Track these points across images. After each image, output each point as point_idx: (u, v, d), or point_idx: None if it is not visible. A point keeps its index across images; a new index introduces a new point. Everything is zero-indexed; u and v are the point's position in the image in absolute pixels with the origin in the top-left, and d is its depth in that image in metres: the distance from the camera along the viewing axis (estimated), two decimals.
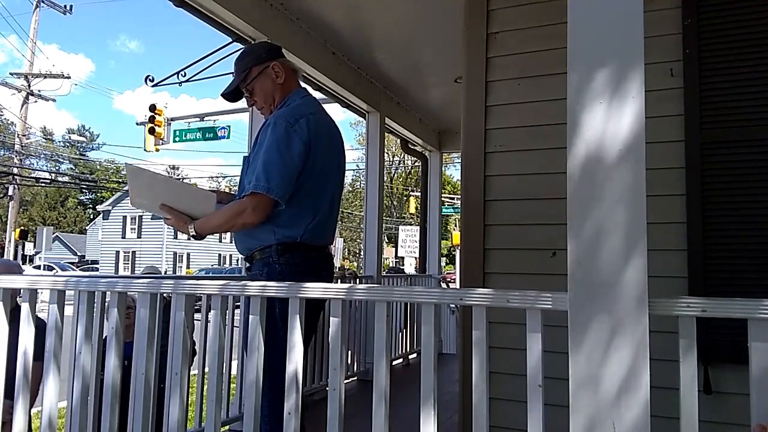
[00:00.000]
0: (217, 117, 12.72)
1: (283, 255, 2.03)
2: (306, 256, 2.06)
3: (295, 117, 2.04)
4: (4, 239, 21.74)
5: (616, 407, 1.12)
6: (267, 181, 1.94)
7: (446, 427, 3.39)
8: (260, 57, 2.20)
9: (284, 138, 1.99)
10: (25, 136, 22.29)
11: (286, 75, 2.19)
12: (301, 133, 2.00)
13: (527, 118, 2.69)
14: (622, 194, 1.15)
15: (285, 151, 1.98)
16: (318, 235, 2.10)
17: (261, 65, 2.18)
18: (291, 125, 2.01)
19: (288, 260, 2.02)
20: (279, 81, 2.18)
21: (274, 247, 2.03)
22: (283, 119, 2.02)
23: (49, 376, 1.80)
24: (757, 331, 1.13)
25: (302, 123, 2.02)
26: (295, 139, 1.99)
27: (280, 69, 2.18)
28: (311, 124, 2.05)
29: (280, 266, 2.01)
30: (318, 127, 2.08)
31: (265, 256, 2.05)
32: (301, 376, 1.52)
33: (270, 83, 2.17)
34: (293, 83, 2.22)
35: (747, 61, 2.31)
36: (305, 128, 2.02)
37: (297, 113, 2.06)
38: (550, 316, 1.27)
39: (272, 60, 2.19)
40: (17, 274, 2.72)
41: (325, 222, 2.13)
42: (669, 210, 2.37)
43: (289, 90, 2.19)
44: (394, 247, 27.71)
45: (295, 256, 2.04)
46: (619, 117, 1.16)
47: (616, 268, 1.14)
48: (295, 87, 2.23)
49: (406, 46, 4.64)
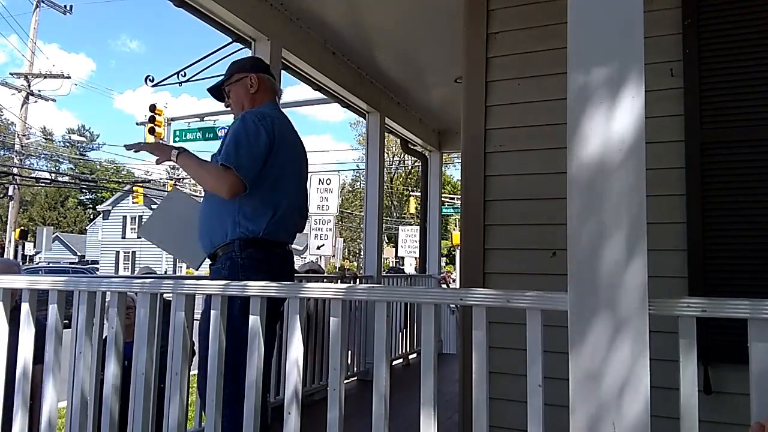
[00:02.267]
0: (217, 117, 12.71)
1: (245, 249, 2.12)
2: (267, 252, 2.17)
3: (262, 114, 2.22)
4: (4, 239, 21.74)
5: (616, 407, 1.12)
6: (237, 159, 2.08)
7: (446, 427, 3.38)
8: (244, 66, 2.44)
9: (252, 127, 2.16)
10: (25, 136, 22.29)
11: (260, 88, 2.37)
12: (267, 128, 2.17)
13: (527, 118, 2.69)
14: (622, 194, 1.15)
15: (252, 138, 2.14)
16: (279, 231, 2.20)
17: (242, 73, 2.39)
18: (259, 119, 2.18)
19: (250, 255, 2.12)
20: (251, 90, 2.36)
21: (237, 242, 2.12)
22: (252, 114, 2.22)
23: (49, 377, 1.80)
24: (757, 331, 1.13)
25: (268, 120, 2.20)
26: (261, 130, 2.16)
27: (255, 81, 2.37)
28: (276, 123, 2.22)
29: (242, 260, 2.11)
30: (282, 130, 2.25)
31: (228, 251, 2.14)
32: (301, 375, 1.52)
33: (243, 91, 2.37)
34: (266, 97, 2.39)
35: (747, 61, 2.31)
36: (270, 125, 2.19)
37: (264, 113, 2.24)
38: (550, 316, 1.27)
39: (253, 72, 2.39)
40: (17, 273, 2.72)
41: (286, 218, 2.24)
42: (669, 210, 2.37)
43: (261, 102, 2.36)
44: (394, 247, 27.69)
45: (257, 251, 2.14)
46: (619, 117, 1.16)
47: (616, 268, 1.14)
48: (268, 100, 2.39)
49: (406, 46, 4.64)
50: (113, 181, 44.00)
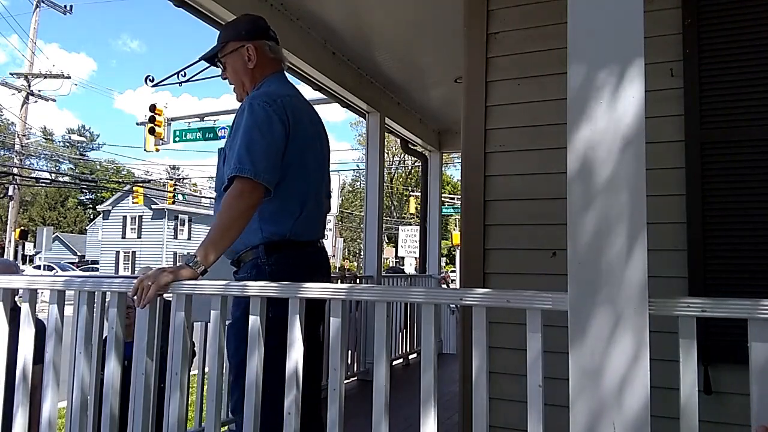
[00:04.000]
0: (217, 117, 12.72)
1: (272, 254, 1.87)
2: (296, 254, 1.91)
3: (272, 97, 1.89)
4: (4, 239, 21.74)
5: (616, 407, 1.12)
6: (253, 164, 1.75)
7: (446, 427, 3.39)
8: (239, 34, 2.06)
9: (264, 118, 1.83)
10: (25, 136, 22.29)
11: (259, 60, 2.03)
12: (279, 113, 1.85)
13: (527, 118, 2.69)
14: (623, 194, 1.15)
15: (266, 131, 1.81)
16: (307, 229, 1.95)
17: (237, 42, 2.04)
18: (268, 104, 1.85)
19: (278, 260, 1.87)
20: (249, 65, 2.03)
21: (261, 247, 1.87)
22: (260, 99, 1.88)
23: (49, 377, 1.80)
24: (757, 331, 1.13)
25: (279, 103, 1.87)
26: (274, 118, 1.84)
27: (253, 53, 2.02)
28: (288, 105, 1.90)
29: (269, 267, 1.86)
30: (295, 110, 1.93)
31: (253, 258, 1.89)
32: (301, 376, 1.52)
33: (240, 65, 2.04)
34: (267, 69, 2.05)
35: (747, 62, 2.31)
36: (282, 108, 1.87)
37: (273, 94, 1.93)
38: (550, 316, 1.27)
39: (249, 41, 2.03)
40: (15, 274, 2.72)
41: (313, 213, 1.97)
42: (669, 210, 2.37)
43: (262, 76, 2.05)
44: (394, 247, 27.70)
45: (284, 254, 1.88)
46: (619, 117, 1.16)
47: (616, 268, 1.14)
48: (272, 72, 2.06)
49: (406, 46, 4.64)
50: (113, 181, 44.00)
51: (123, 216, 36.27)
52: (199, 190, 40.71)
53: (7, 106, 34.78)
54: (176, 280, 1.67)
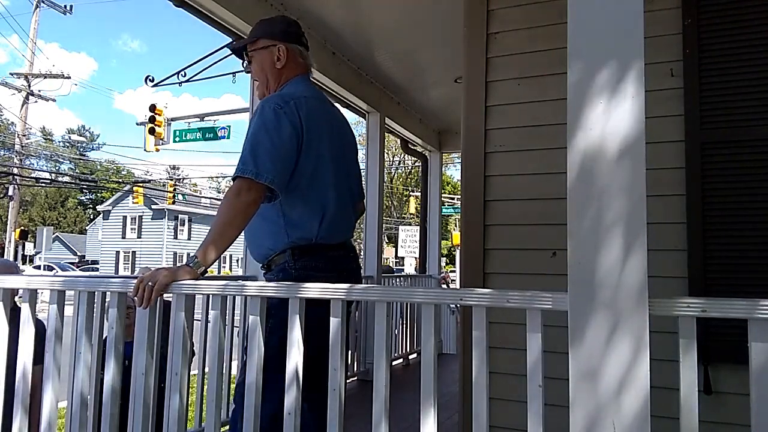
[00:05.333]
0: (217, 117, 12.75)
1: (300, 259, 1.87)
2: (325, 257, 1.91)
3: (284, 100, 1.89)
4: (4, 239, 21.74)
5: (616, 407, 1.12)
6: (255, 165, 1.76)
7: (446, 427, 3.39)
8: (273, 33, 2.08)
9: (272, 120, 1.83)
10: (25, 136, 22.29)
11: (288, 61, 2.06)
12: (290, 116, 1.84)
13: (527, 118, 2.69)
14: (622, 194, 1.15)
15: (273, 133, 1.81)
16: (335, 232, 1.94)
17: (270, 40, 2.06)
18: (280, 107, 1.85)
19: (305, 264, 1.87)
20: (278, 65, 2.05)
21: (289, 251, 1.88)
22: (271, 102, 1.89)
23: (49, 377, 1.80)
24: (757, 331, 1.13)
25: (292, 105, 1.87)
26: (284, 120, 1.83)
27: (284, 54, 2.05)
28: (302, 106, 1.89)
29: (296, 271, 1.86)
30: (311, 111, 1.91)
31: (281, 262, 1.90)
32: (302, 376, 1.52)
33: (269, 63, 2.06)
34: (294, 72, 2.08)
35: (747, 62, 2.31)
36: (295, 110, 1.86)
37: (288, 96, 1.93)
38: (550, 316, 1.27)
39: (282, 42, 2.06)
40: (15, 275, 2.72)
41: (339, 214, 1.96)
42: (669, 210, 2.37)
43: (288, 78, 2.07)
44: (394, 247, 27.70)
45: (313, 258, 1.89)
46: (619, 117, 1.16)
47: (616, 268, 1.14)
48: (296, 75, 2.08)
49: (406, 46, 4.64)
50: (113, 181, 44.00)
51: (123, 216, 36.28)
52: (199, 190, 40.73)
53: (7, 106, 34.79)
54: (175, 280, 1.67)
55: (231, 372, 3.37)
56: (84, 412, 1.77)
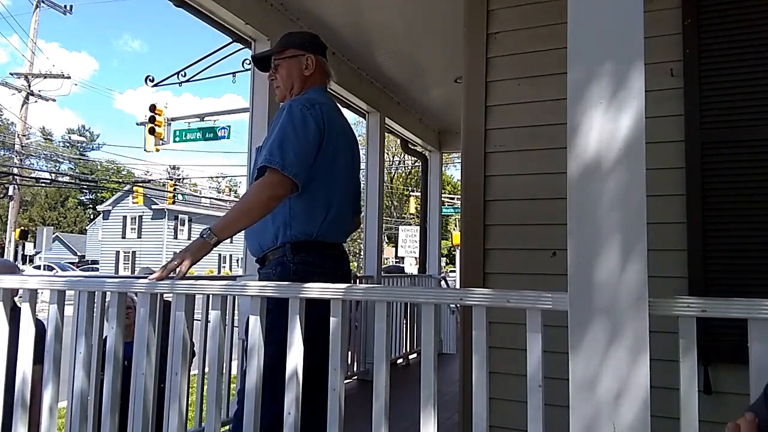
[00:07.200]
0: (217, 117, 12.74)
1: (298, 254, 1.94)
2: (322, 255, 1.99)
3: (310, 102, 2.02)
4: (4, 239, 21.74)
5: (616, 407, 1.12)
6: (282, 158, 1.86)
7: (446, 427, 3.39)
8: (303, 44, 2.22)
9: (300, 118, 1.95)
10: (25, 136, 22.29)
11: (316, 71, 2.20)
12: (315, 117, 1.97)
13: (527, 118, 2.69)
14: (623, 194, 1.15)
15: (300, 130, 1.93)
16: (334, 232, 2.03)
17: (298, 50, 2.19)
18: (306, 108, 1.98)
19: (303, 259, 1.94)
20: (306, 72, 2.18)
21: (288, 245, 1.95)
22: (299, 102, 2.01)
23: (49, 377, 1.80)
24: (757, 331, 1.13)
25: (317, 108, 2.00)
26: (309, 120, 1.96)
27: (312, 63, 2.18)
28: (325, 112, 2.02)
29: (294, 265, 1.93)
30: (331, 118, 2.05)
31: (279, 256, 1.96)
32: (301, 375, 1.52)
33: (297, 70, 2.18)
34: (317, 81, 2.21)
35: (747, 62, 2.31)
36: (320, 113, 1.99)
37: (312, 99, 2.05)
38: (550, 316, 1.27)
39: (311, 53, 2.20)
40: (15, 275, 2.72)
41: (340, 217, 2.07)
42: (669, 210, 2.37)
43: (312, 85, 2.19)
44: (394, 247, 27.70)
45: (310, 254, 1.96)
46: (619, 117, 1.16)
47: (616, 268, 1.14)
48: (319, 84, 2.21)
49: (406, 46, 4.64)
50: (113, 181, 44.02)
51: (123, 216, 36.27)
52: (199, 190, 40.73)
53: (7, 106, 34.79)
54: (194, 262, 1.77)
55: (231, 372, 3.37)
56: (84, 412, 1.77)
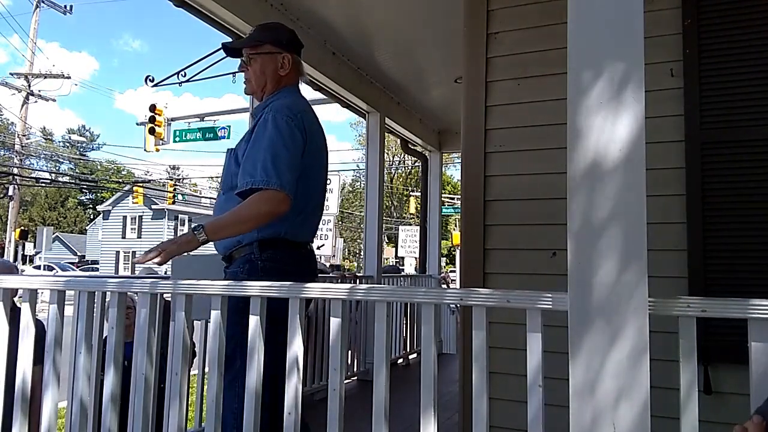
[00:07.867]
0: (217, 117, 12.72)
1: (266, 251, 1.96)
2: (289, 253, 2.01)
3: (293, 112, 2.01)
4: (4, 239, 21.74)
5: (616, 407, 1.12)
6: (279, 177, 1.87)
7: (446, 427, 3.39)
8: (280, 41, 2.17)
9: (288, 133, 1.95)
10: (25, 136, 22.29)
11: (290, 72, 2.17)
12: (300, 128, 1.98)
13: (527, 118, 2.69)
14: (622, 194, 1.15)
15: (291, 146, 1.94)
16: (302, 231, 2.06)
17: (276, 47, 2.15)
18: (291, 119, 1.97)
19: (271, 256, 1.96)
20: (281, 72, 2.14)
21: (256, 243, 1.95)
22: (284, 114, 1.98)
23: (49, 377, 1.80)
24: (757, 331, 1.13)
25: (299, 117, 2.00)
26: (296, 133, 1.97)
27: (289, 63, 2.15)
28: (306, 120, 2.03)
29: (262, 263, 1.94)
30: (311, 124, 2.06)
31: (245, 254, 1.97)
32: (301, 375, 1.52)
33: (272, 68, 2.14)
34: (291, 80, 2.19)
35: (747, 62, 2.31)
36: (302, 122, 2.00)
37: (294, 108, 2.04)
38: (550, 316, 1.27)
39: (288, 52, 2.16)
40: (14, 275, 2.72)
41: (310, 218, 2.10)
42: (669, 210, 2.37)
43: (285, 84, 2.17)
44: (394, 247, 27.70)
45: (278, 252, 1.97)
46: (619, 117, 1.16)
47: (616, 268, 1.14)
48: (292, 84, 2.19)
49: (406, 46, 4.64)
50: (113, 181, 44.00)
51: (123, 216, 36.27)
52: (199, 190, 40.72)
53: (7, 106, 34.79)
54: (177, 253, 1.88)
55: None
56: (84, 412, 1.77)
